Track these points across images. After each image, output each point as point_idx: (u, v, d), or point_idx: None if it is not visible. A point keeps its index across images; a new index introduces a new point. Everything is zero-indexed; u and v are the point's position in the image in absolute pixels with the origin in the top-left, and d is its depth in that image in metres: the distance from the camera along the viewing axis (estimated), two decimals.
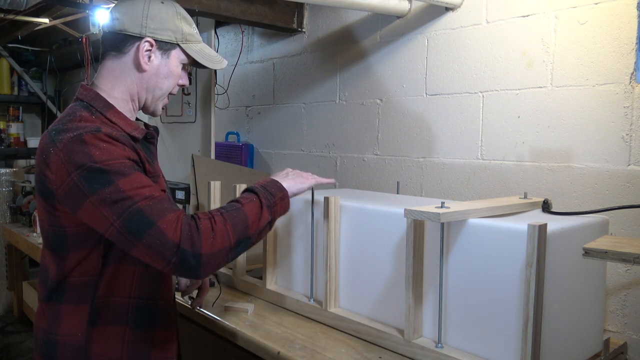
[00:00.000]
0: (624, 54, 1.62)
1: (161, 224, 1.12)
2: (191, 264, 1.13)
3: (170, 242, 1.12)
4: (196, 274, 1.15)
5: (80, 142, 1.16)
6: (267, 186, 1.35)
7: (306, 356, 1.41)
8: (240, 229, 1.21)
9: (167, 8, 1.32)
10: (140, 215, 1.13)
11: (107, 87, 1.32)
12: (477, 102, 2.00)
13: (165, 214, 1.14)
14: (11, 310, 3.96)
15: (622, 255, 1.02)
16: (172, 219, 1.14)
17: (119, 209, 1.13)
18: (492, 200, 1.57)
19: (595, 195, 1.69)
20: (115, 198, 1.13)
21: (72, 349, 1.26)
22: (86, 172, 1.13)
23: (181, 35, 1.33)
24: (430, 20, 2.14)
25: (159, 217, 1.13)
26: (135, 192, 1.14)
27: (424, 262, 1.40)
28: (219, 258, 1.17)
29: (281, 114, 2.93)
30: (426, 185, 2.19)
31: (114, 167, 1.15)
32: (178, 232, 1.13)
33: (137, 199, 1.14)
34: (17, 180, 3.89)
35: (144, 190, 1.16)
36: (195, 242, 1.13)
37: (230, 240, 1.18)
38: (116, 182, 1.14)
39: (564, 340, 1.31)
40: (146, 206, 1.14)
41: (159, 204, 1.16)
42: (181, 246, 1.12)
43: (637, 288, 1.63)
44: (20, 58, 4.92)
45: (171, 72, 1.34)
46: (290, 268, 1.82)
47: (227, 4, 2.40)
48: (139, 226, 1.12)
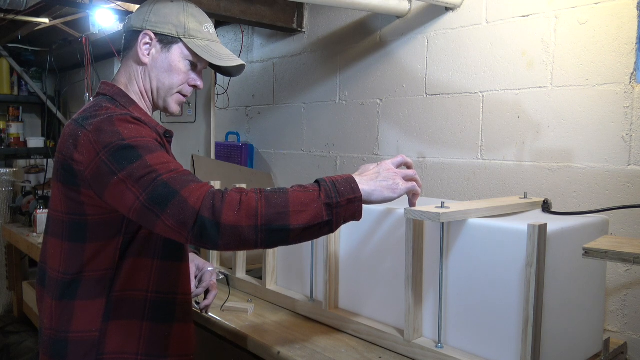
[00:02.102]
0: (624, 54, 1.62)
1: (184, 192, 1.08)
2: (210, 232, 1.06)
3: (190, 209, 1.06)
4: (215, 243, 1.07)
5: (110, 122, 1.17)
6: (337, 182, 1.13)
7: (306, 356, 1.41)
8: (274, 213, 1.07)
9: (175, 5, 1.35)
10: (165, 186, 1.10)
11: (124, 83, 1.36)
12: (477, 102, 2.00)
13: (190, 183, 1.10)
14: (11, 310, 3.96)
15: (622, 255, 1.02)
16: (195, 188, 1.09)
17: (146, 182, 1.11)
18: (492, 200, 1.57)
19: (595, 195, 1.69)
20: (143, 172, 1.11)
21: (85, 346, 1.24)
22: (114, 150, 1.14)
23: (183, 30, 1.33)
24: (430, 20, 2.14)
25: (182, 186, 1.09)
26: (161, 166, 1.13)
27: (423, 262, 1.40)
28: (241, 232, 1.06)
29: (281, 114, 2.93)
30: (426, 185, 2.19)
31: (142, 142, 1.15)
32: (200, 199, 1.07)
33: (163, 171, 1.12)
34: (17, 180, 3.89)
35: (170, 164, 1.15)
36: (216, 211, 1.06)
37: (257, 219, 1.07)
38: (144, 157, 1.13)
39: (564, 340, 1.31)
40: (171, 178, 1.11)
41: (184, 176, 1.12)
42: (201, 212, 1.06)
43: (637, 288, 1.63)
44: (20, 58, 4.92)
45: (172, 66, 1.34)
46: (290, 268, 1.82)
47: (227, 4, 2.40)
48: (163, 196, 1.09)
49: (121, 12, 2.96)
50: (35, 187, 3.67)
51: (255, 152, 3.10)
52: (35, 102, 5.08)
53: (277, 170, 2.96)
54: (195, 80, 1.39)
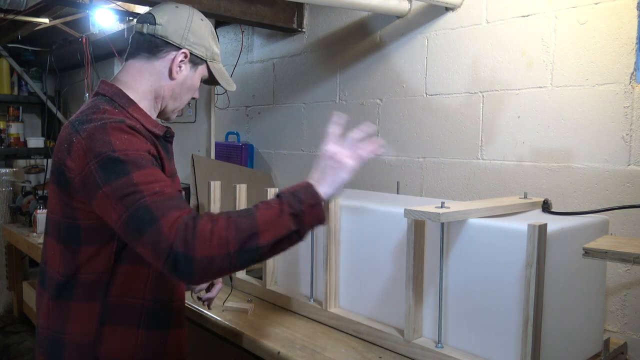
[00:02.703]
0: (624, 54, 1.62)
1: (163, 221, 1.08)
2: (184, 267, 1.06)
3: (164, 241, 1.06)
4: (190, 278, 1.08)
5: (103, 131, 1.17)
6: (296, 191, 1.18)
7: (306, 356, 1.41)
8: (245, 236, 1.09)
9: (205, 26, 1.41)
10: (146, 211, 1.09)
11: (132, 84, 1.35)
12: (477, 102, 2.00)
13: (170, 211, 1.09)
14: (11, 310, 3.96)
15: (622, 255, 1.02)
16: (173, 217, 1.08)
17: (128, 202, 1.10)
18: (492, 200, 1.57)
19: (595, 195, 1.69)
20: (127, 191, 1.11)
21: (80, 348, 1.24)
22: (103, 161, 1.13)
23: (211, 54, 1.42)
24: (430, 20, 2.14)
25: (163, 214, 1.09)
26: (146, 187, 1.12)
27: (424, 262, 1.40)
28: (216, 264, 1.07)
29: (281, 114, 2.93)
30: (426, 185, 2.19)
31: (132, 157, 1.15)
32: (173, 230, 1.06)
33: (147, 193, 1.11)
34: (17, 180, 3.89)
35: (156, 185, 1.14)
36: (189, 243, 1.05)
37: (228, 246, 1.08)
38: (131, 173, 1.12)
39: (564, 340, 1.31)
40: (153, 202, 1.10)
41: (167, 201, 1.12)
42: (174, 247, 1.05)
43: (637, 288, 1.63)
44: (20, 58, 4.92)
45: (194, 85, 1.42)
46: (291, 268, 1.82)
47: (227, 4, 2.40)
48: (143, 222, 1.09)
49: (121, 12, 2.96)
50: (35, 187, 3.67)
51: (255, 152, 3.10)
52: (35, 102, 5.08)
53: (277, 170, 2.96)
54: (197, 93, 1.47)
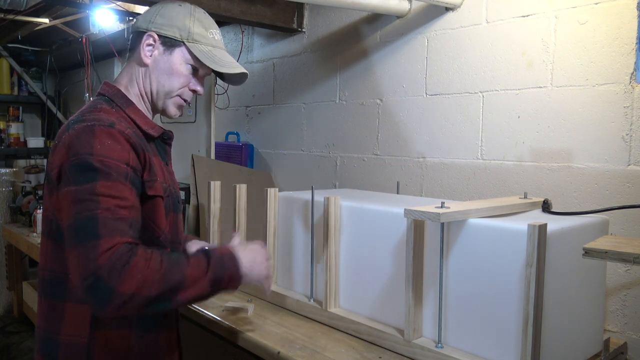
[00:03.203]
0: (624, 54, 1.62)
1: (102, 242, 1.08)
2: (99, 294, 1.06)
3: (92, 263, 1.06)
4: (102, 307, 1.08)
5: (91, 132, 1.17)
6: (225, 260, 1.23)
7: (306, 356, 1.41)
8: (168, 288, 1.11)
9: (182, 8, 1.35)
10: (93, 223, 1.09)
11: (125, 84, 1.36)
12: (477, 102, 2.00)
13: (115, 234, 1.09)
14: (11, 310, 3.96)
15: (622, 255, 1.02)
16: (114, 241, 1.08)
17: (81, 207, 1.11)
18: (492, 200, 1.57)
19: (595, 195, 1.69)
20: (85, 198, 1.11)
21: (75, 350, 1.23)
22: (78, 162, 1.14)
23: (187, 34, 1.33)
24: (430, 20, 2.14)
25: (107, 234, 1.09)
26: (104, 199, 1.12)
27: (424, 262, 1.40)
28: (131, 302, 1.07)
29: (281, 114, 2.93)
30: (426, 185, 2.19)
31: (106, 164, 1.14)
32: (106, 255, 1.06)
33: (101, 206, 1.11)
34: (17, 180, 3.89)
35: (114, 201, 1.13)
36: (114, 275, 1.05)
37: (150, 291, 1.09)
38: (97, 181, 1.12)
39: (564, 340, 1.31)
40: (104, 217, 1.10)
41: (116, 222, 1.11)
42: (99, 272, 1.05)
43: (637, 288, 1.63)
44: (20, 58, 4.92)
45: (172, 69, 1.33)
46: (290, 268, 1.82)
47: (227, 4, 2.40)
48: (86, 232, 1.09)
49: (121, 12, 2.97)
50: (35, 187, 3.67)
51: (255, 152, 3.10)
52: (35, 102, 5.09)
53: (277, 170, 2.96)
54: (195, 85, 1.38)
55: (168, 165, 1.40)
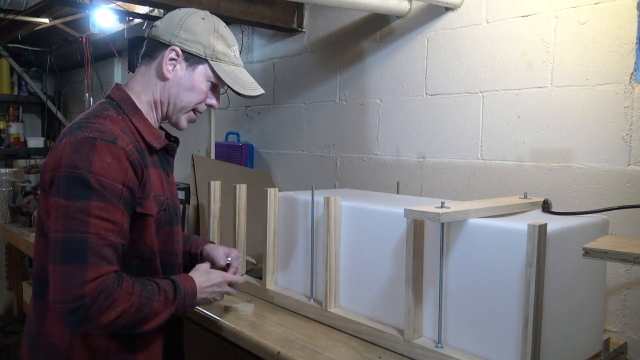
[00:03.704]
0: (624, 54, 1.62)
1: (90, 269, 1.12)
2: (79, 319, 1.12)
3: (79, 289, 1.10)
4: (76, 328, 1.16)
5: (92, 146, 1.16)
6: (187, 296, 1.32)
7: (306, 356, 1.41)
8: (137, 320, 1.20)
9: (206, 23, 1.33)
10: (81, 247, 1.12)
11: (137, 90, 1.34)
12: (477, 102, 2.00)
13: (102, 263, 1.14)
14: (11, 310, 3.96)
15: (622, 255, 1.02)
16: (101, 271, 1.13)
17: (71, 226, 1.12)
18: (492, 200, 1.57)
19: (595, 195, 1.69)
20: (75, 215, 1.13)
21: (56, 352, 1.25)
22: (74, 176, 1.14)
23: (212, 52, 1.32)
24: (430, 20, 2.14)
25: (93, 261, 1.12)
26: (96, 221, 1.13)
27: (424, 262, 1.40)
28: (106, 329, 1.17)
29: (281, 114, 2.93)
30: (426, 185, 2.19)
31: (101, 184, 1.14)
32: (93, 285, 1.11)
33: (92, 229, 1.13)
34: (17, 180, 3.89)
35: (106, 224, 1.15)
36: (97, 305, 1.12)
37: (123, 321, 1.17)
38: (91, 200, 1.13)
39: (564, 340, 1.31)
40: (94, 243, 1.13)
41: (105, 249, 1.15)
42: (84, 300, 1.11)
43: (637, 288, 1.63)
44: (20, 58, 4.93)
45: (194, 86, 1.32)
46: (290, 268, 1.82)
47: (227, 4, 2.40)
48: (72, 254, 1.12)
49: (121, 12, 2.96)
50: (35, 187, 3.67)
51: (255, 152, 3.10)
52: (35, 102, 5.09)
53: (277, 170, 2.96)
54: (212, 100, 1.38)
55: (169, 176, 1.39)
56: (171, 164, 1.41)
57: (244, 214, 1.94)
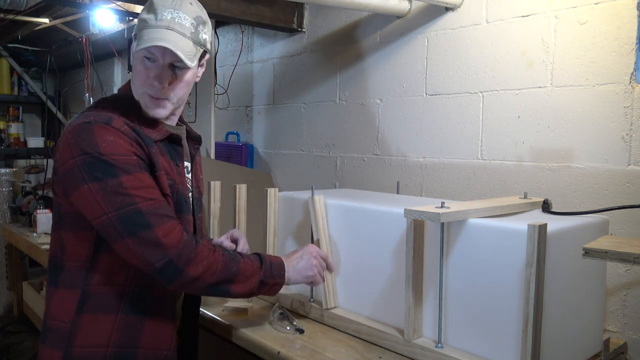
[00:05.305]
0: (624, 54, 1.62)
1: (158, 230, 1.17)
2: (170, 275, 1.20)
3: (162, 248, 1.17)
4: (170, 283, 1.22)
5: (89, 130, 1.19)
6: (273, 265, 1.38)
7: (306, 356, 1.41)
8: (226, 277, 1.26)
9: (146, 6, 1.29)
10: (140, 216, 1.17)
11: None
12: (477, 102, 2.00)
13: (165, 220, 1.20)
14: (11, 310, 3.96)
15: (622, 255, 1.02)
16: (169, 227, 1.19)
17: (118, 203, 1.16)
18: (492, 200, 1.57)
19: (595, 195, 1.69)
20: (116, 191, 1.17)
21: (58, 334, 1.27)
22: (90, 160, 1.17)
23: (135, 29, 1.27)
24: (430, 20, 2.14)
25: (157, 222, 1.18)
26: (137, 192, 1.18)
27: (424, 262, 1.40)
28: (195, 284, 1.23)
29: (281, 114, 2.93)
30: (426, 185, 2.19)
31: (119, 162, 1.18)
32: (174, 241, 1.19)
33: (138, 199, 1.18)
34: (17, 180, 3.89)
35: (146, 191, 1.20)
36: (184, 259, 1.19)
37: (212, 278, 1.24)
38: (120, 176, 1.17)
39: (564, 340, 1.31)
40: (147, 208, 1.18)
41: (160, 209, 1.20)
42: (170, 255, 1.18)
43: (637, 288, 1.63)
44: (20, 58, 4.92)
45: (134, 66, 1.30)
46: None
47: (227, 4, 2.40)
48: (135, 224, 1.17)
49: (121, 12, 2.96)
50: (35, 187, 3.67)
51: (255, 152, 3.10)
52: (35, 102, 5.08)
53: (277, 170, 2.96)
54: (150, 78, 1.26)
55: (179, 166, 1.38)
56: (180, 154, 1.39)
57: (244, 214, 1.94)
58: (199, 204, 1.49)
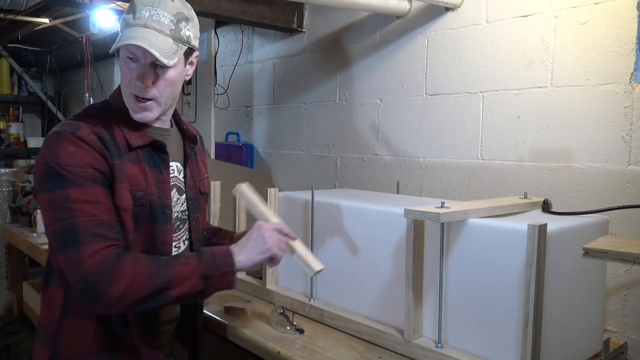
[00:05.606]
0: (624, 54, 1.62)
1: (84, 249, 1.14)
2: (91, 296, 1.14)
3: (80, 269, 1.13)
4: (94, 306, 1.16)
5: (57, 139, 1.20)
6: (216, 255, 1.26)
7: (306, 356, 1.41)
8: (157, 287, 1.17)
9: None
10: (72, 231, 1.15)
11: None
12: (477, 102, 2.00)
13: (97, 240, 1.15)
14: (11, 310, 3.95)
15: (622, 255, 1.02)
16: (99, 248, 1.14)
17: (59, 216, 1.16)
18: (492, 200, 1.57)
19: (595, 195, 1.69)
20: (60, 204, 1.16)
21: (47, 334, 1.28)
22: (48, 169, 1.18)
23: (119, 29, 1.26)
24: (430, 20, 2.14)
25: (88, 241, 1.15)
26: (80, 206, 1.16)
27: (424, 262, 1.40)
28: (124, 303, 1.15)
29: (281, 114, 2.93)
30: (426, 185, 2.19)
31: (72, 172, 1.17)
32: (96, 262, 1.13)
33: (79, 214, 1.16)
34: (17, 180, 3.89)
35: (91, 207, 1.17)
36: (104, 280, 1.13)
37: (140, 292, 1.16)
38: (67, 189, 1.17)
39: (564, 340, 1.31)
40: (84, 223, 1.16)
41: (97, 227, 1.16)
42: (88, 277, 1.13)
43: (637, 288, 1.63)
44: (20, 58, 4.92)
45: (120, 68, 1.29)
46: (291, 268, 1.82)
47: (227, 4, 2.40)
48: (66, 240, 1.15)
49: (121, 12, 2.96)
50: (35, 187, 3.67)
51: (255, 152, 3.10)
52: (35, 102, 5.08)
53: (277, 170, 2.96)
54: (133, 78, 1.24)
55: (163, 173, 1.33)
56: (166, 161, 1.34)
57: (244, 214, 1.94)
58: (196, 205, 1.44)
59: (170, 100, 1.32)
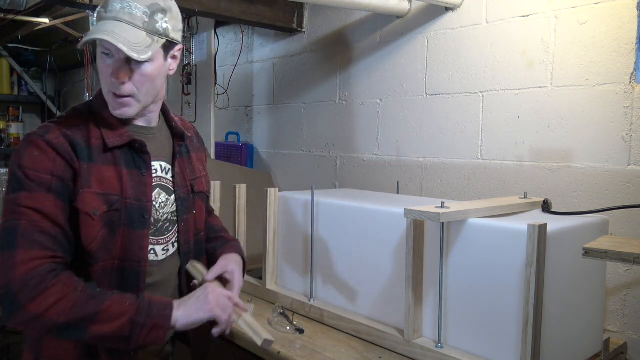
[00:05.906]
0: (624, 54, 1.62)
1: (18, 253, 1.09)
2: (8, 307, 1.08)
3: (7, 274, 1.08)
4: (7, 319, 1.10)
5: (27, 142, 1.20)
6: (154, 304, 1.17)
7: (306, 356, 1.41)
8: (81, 317, 1.09)
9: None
10: (12, 233, 1.12)
11: None
12: (477, 102, 2.00)
13: (32, 246, 1.11)
14: None
15: (622, 255, 1.02)
16: (31, 256, 1.09)
17: (7, 216, 1.16)
18: (492, 200, 1.57)
19: (595, 195, 1.69)
20: (10, 206, 1.16)
21: (30, 342, 1.27)
22: (11, 171, 1.20)
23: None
24: (430, 20, 2.14)
25: (23, 245, 1.10)
26: (27, 211, 1.14)
27: (424, 262, 1.40)
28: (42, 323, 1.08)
29: (281, 114, 2.93)
30: (426, 185, 2.19)
31: (29, 177, 1.16)
32: (25, 270, 1.08)
33: (24, 217, 1.13)
34: None
35: (36, 214, 1.14)
36: (27, 293, 1.06)
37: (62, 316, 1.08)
38: (20, 192, 1.16)
39: (564, 340, 1.31)
40: (26, 226, 1.12)
41: (37, 235, 1.12)
42: (11, 285, 1.07)
43: (637, 288, 1.63)
44: (20, 58, 4.92)
45: (97, 65, 1.24)
46: (290, 268, 1.82)
47: (227, 4, 2.40)
48: (4, 242, 1.12)
49: None
50: None
51: (255, 152, 3.10)
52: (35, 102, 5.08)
53: (277, 170, 2.96)
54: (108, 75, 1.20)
55: (145, 175, 1.28)
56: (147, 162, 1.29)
57: (244, 214, 1.94)
58: (187, 205, 1.37)
59: (150, 97, 1.26)
